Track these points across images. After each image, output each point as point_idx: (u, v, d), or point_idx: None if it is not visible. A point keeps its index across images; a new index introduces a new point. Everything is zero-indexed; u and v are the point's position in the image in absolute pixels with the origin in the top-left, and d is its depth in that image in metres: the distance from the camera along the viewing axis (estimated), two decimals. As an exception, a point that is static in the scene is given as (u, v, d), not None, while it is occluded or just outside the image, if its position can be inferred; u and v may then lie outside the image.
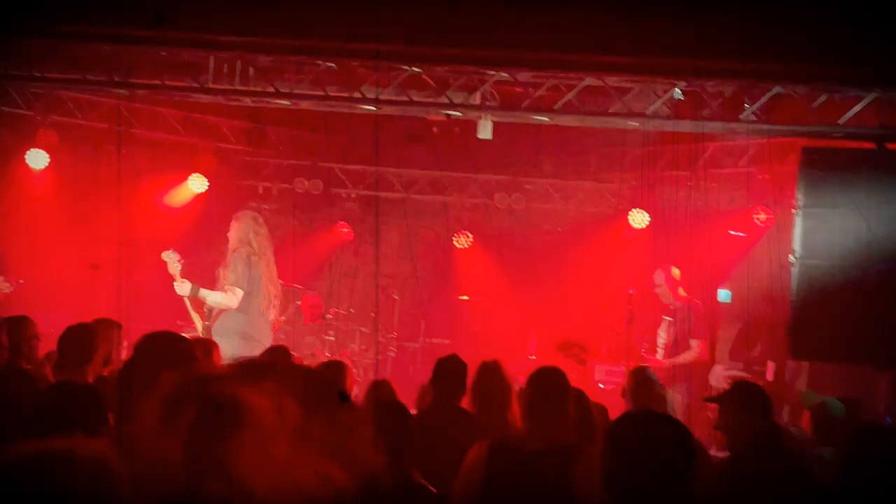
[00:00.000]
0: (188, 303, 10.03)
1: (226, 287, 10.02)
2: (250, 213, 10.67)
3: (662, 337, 11.64)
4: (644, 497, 3.36)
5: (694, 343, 11.18)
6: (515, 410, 6.21)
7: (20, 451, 2.19)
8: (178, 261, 9.91)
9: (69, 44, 10.46)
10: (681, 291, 11.57)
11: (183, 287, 9.90)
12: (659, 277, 11.70)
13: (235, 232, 10.27)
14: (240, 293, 9.95)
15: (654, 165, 13.70)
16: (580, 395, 6.36)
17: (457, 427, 6.37)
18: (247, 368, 1.98)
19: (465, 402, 6.65)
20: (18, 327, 7.32)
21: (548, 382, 5.84)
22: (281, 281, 13.56)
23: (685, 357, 11.16)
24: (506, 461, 5.02)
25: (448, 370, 6.88)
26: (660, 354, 11.48)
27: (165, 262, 9.93)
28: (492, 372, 6.65)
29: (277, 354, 7.21)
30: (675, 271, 11.69)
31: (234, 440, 1.82)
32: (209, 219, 14.32)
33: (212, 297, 10.02)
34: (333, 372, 6.85)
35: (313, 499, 1.81)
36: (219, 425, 1.85)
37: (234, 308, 9.95)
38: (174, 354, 4.89)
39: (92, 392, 4.84)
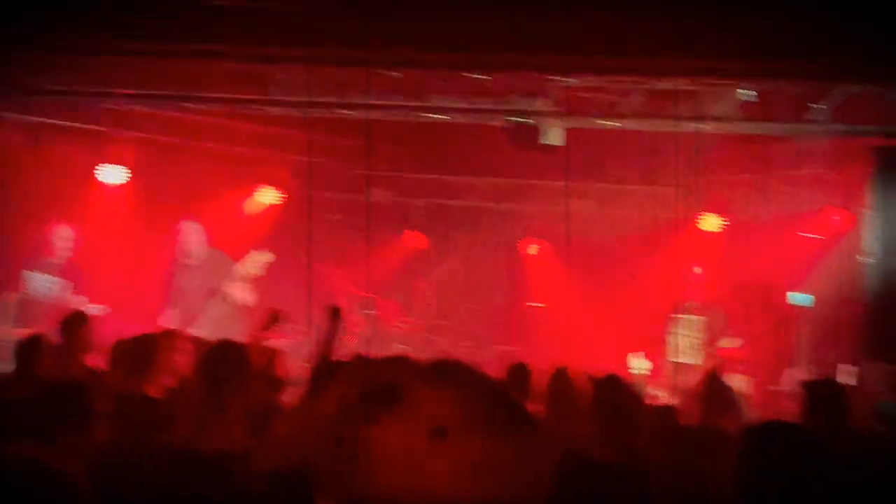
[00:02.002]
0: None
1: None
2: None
3: (689, 336, 11.55)
4: None
5: (726, 342, 11.16)
6: (585, 418, 6.20)
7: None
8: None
9: (138, 59, 10.63)
10: (704, 291, 11.59)
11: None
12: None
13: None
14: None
15: (724, 169, 13.58)
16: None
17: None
18: (431, 367, 1.83)
19: (533, 409, 6.64)
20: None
21: (616, 392, 5.87)
22: (354, 291, 13.73)
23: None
24: (579, 470, 4.97)
25: (516, 378, 6.89)
26: (687, 357, 11.40)
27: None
28: (562, 379, 6.65)
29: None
30: (696, 270, 11.73)
31: (378, 427, 1.68)
32: (282, 231, 14.45)
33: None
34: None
35: None
36: (368, 409, 1.70)
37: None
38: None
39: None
